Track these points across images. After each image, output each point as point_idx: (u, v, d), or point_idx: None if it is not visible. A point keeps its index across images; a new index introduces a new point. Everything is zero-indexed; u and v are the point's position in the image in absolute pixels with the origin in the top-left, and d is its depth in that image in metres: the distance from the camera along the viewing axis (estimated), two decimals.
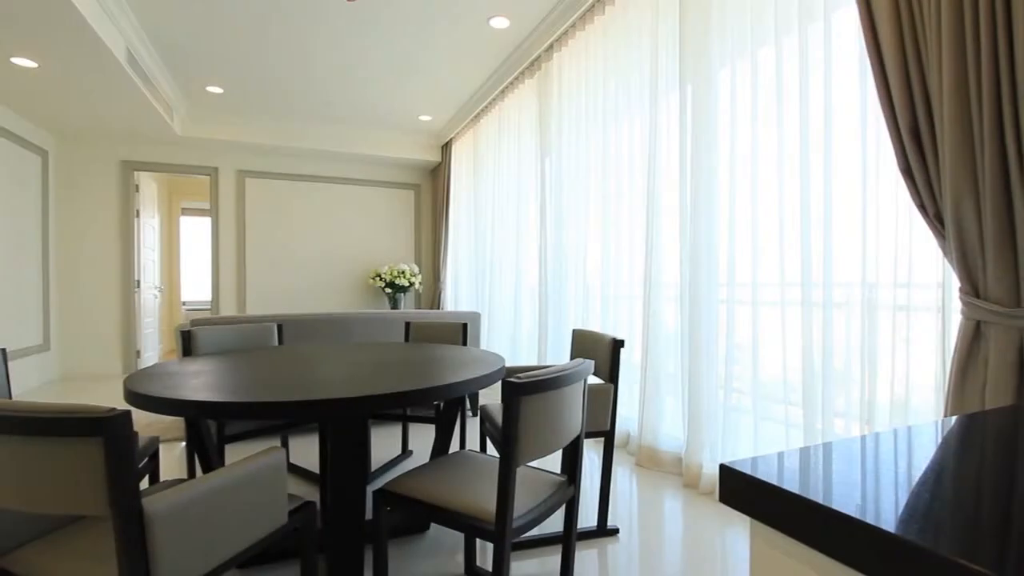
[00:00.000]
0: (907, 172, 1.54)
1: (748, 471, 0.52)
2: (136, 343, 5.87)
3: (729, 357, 2.42)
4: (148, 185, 6.25)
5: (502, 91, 4.79)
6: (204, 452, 1.87)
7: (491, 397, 4.32)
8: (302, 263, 6.63)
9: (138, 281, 5.92)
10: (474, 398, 3.85)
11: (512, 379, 1.19)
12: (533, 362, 4.26)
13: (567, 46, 3.69)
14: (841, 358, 1.95)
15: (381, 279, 6.57)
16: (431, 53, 4.23)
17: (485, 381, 1.56)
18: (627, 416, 3.11)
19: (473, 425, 3.60)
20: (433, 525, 2.10)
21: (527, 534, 1.94)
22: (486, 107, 5.23)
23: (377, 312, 3.59)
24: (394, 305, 6.67)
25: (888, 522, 0.41)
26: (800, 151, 2.05)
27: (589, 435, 2.00)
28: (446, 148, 6.51)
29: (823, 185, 1.97)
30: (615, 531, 2.05)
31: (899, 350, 1.74)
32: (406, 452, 2.93)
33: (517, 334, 4.60)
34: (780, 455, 0.57)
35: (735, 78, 2.38)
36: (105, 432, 0.87)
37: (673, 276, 2.76)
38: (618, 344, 2.03)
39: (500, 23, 3.73)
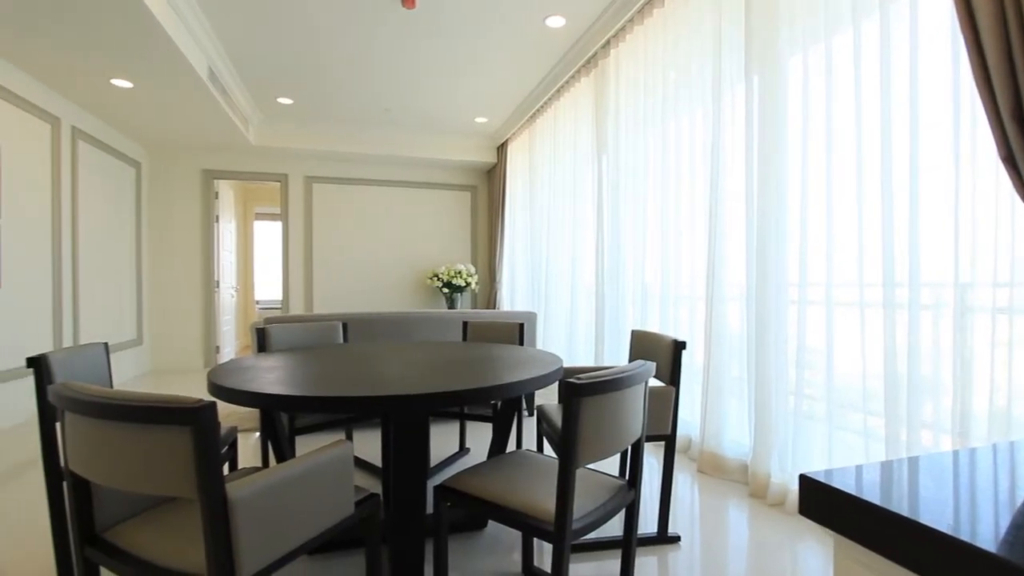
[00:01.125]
0: (1009, 160, 1.40)
1: (827, 482, 0.49)
2: (216, 339, 6.32)
3: (800, 361, 2.29)
4: (226, 192, 6.71)
5: (558, 90, 4.78)
6: (277, 442, 1.99)
7: (547, 397, 4.31)
8: (364, 264, 6.90)
9: (217, 282, 6.37)
10: (530, 398, 3.86)
11: (572, 380, 1.18)
12: (590, 363, 4.22)
13: (624, 41, 3.63)
14: (929, 364, 1.79)
15: (438, 279, 6.72)
16: (487, 55, 4.28)
17: (543, 381, 1.56)
18: (688, 420, 3.02)
19: (529, 425, 3.61)
20: (491, 523, 2.12)
21: (585, 537, 1.92)
22: (542, 107, 5.23)
23: (435, 312, 3.68)
24: (451, 305, 6.81)
25: (987, 542, 0.37)
26: (881, 141, 1.91)
27: (649, 439, 1.96)
28: (502, 149, 6.57)
29: (908, 177, 1.82)
30: (676, 539, 2.00)
31: (999, 356, 1.58)
32: (463, 449, 2.98)
33: (573, 334, 4.57)
34: (859, 468, 0.53)
35: (807, 66, 2.25)
36: (194, 421, 0.94)
37: (738, 275, 2.65)
38: (680, 346, 1.97)
39: (556, 22, 3.71)
